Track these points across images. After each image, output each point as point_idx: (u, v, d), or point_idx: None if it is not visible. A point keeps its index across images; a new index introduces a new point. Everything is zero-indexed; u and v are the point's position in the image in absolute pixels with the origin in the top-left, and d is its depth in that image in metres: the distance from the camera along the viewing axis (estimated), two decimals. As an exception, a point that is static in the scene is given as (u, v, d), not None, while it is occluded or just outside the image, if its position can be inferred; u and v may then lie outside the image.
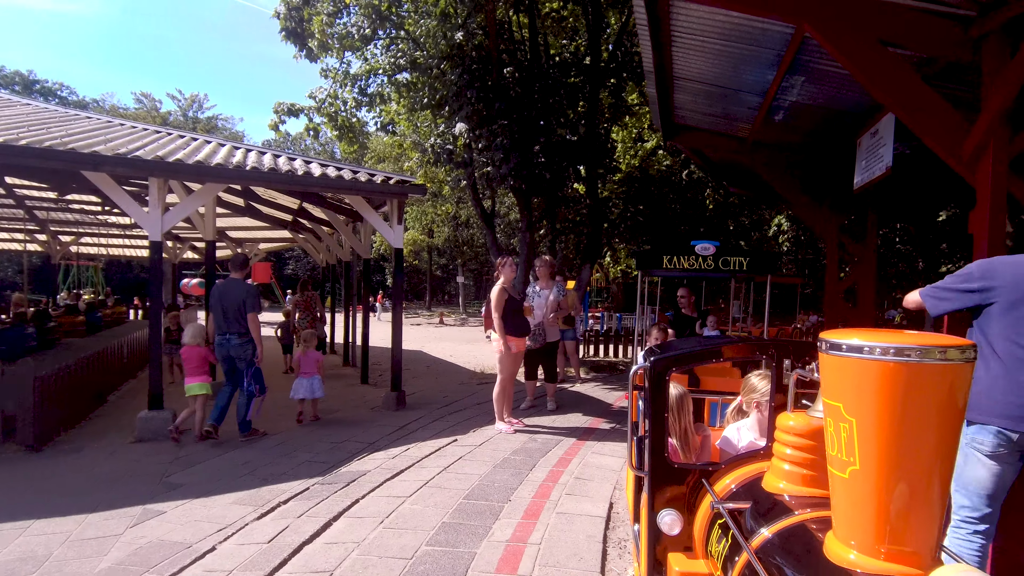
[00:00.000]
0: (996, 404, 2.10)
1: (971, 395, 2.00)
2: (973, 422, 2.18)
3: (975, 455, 2.20)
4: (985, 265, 2.20)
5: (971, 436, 2.19)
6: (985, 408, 2.12)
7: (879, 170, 4.28)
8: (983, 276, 2.15)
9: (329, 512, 3.97)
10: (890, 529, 1.32)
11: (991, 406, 2.11)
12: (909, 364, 1.26)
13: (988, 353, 2.15)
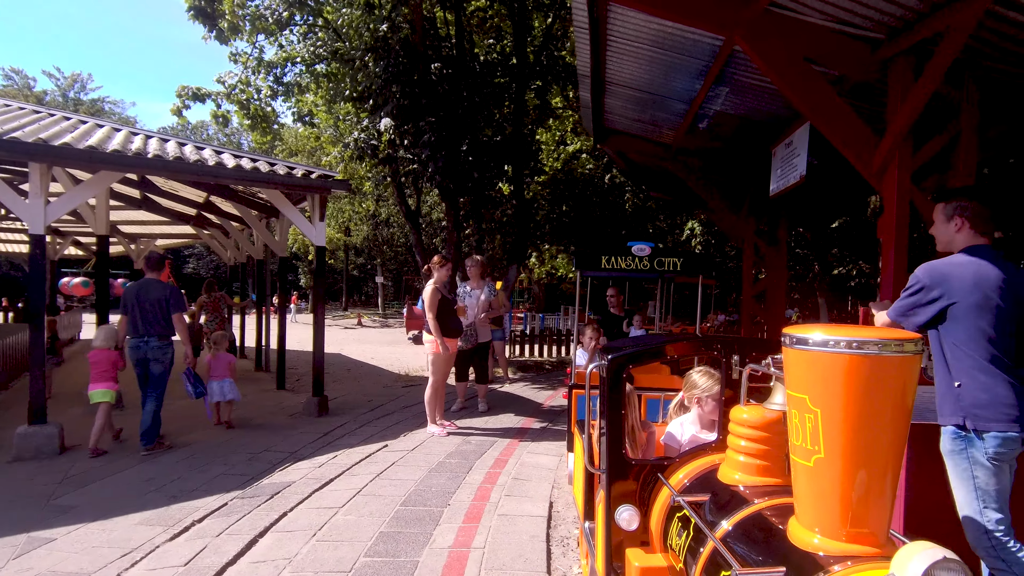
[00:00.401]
0: (1010, 409, 2.11)
1: (974, 403, 2.15)
2: (990, 430, 2.12)
3: (1002, 465, 2.15)
4: (935, 274, 2.24)
5: (993, 448, 2.11)
6: (999, 413, 2.11)
7: (793, 178, 4.63)
8: (936, 284, 2.22)
9: (253, 528, 3.69)
10: (852, 513, 1.39)
11: (1006, 412, 2.10)
12: (871, 356, 1.33)
13: (967, 361, 2.17)
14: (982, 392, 2.13)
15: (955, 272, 2.23)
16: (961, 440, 2.19)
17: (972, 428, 2.15)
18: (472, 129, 10.34)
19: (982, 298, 2.17)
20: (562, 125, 16.99)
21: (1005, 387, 2.13)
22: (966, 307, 2.17)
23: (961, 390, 2.18)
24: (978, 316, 2.16)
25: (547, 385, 9.34)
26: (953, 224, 2.35)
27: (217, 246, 14.09)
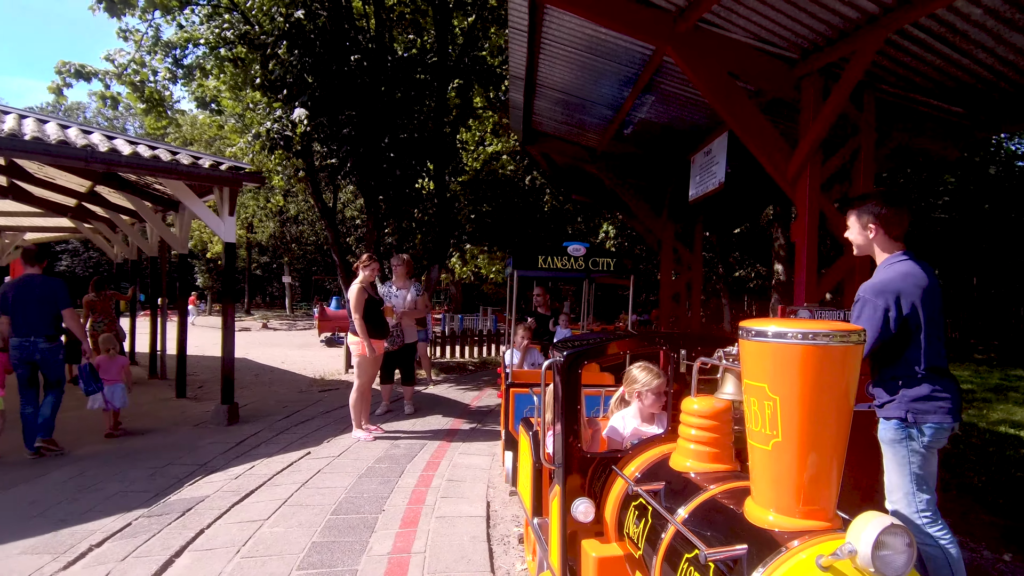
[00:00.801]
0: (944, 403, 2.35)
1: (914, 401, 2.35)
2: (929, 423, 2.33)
3: (933, 452, 2.38)
4: (886, 287, 2.39)
5: (928, 439, 2.34)
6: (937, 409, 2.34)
7: (712, 185, 4.96)
8: (892, 298, 2.36)
9: (166, 548, 3.37)
10: (805, 492, 1.50)
11: (943, 406, 2.34)
12: (824, 346, 1.44)
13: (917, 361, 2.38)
14: (921, 389, 2.36)
15: (905, 282, 2.38)
16: (903, 431, 2.39)
17: (912, 421, 2.36)
18: (393, 125, 10.10)
19: (921, 303, 2.37)
20: (482, 126, 17.05)
21: (940, 383, 2.37)
22: (919, 314, 2.36)
23: (903, 388, 2.39)
24: (920, 320, 2.37)
25: (472, 386, 9.32)
26: (868, 230, 2.51)
27: (101, 241, 12.72)
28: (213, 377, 10.35)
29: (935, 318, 2.42)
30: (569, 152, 6.83)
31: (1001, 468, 5.20)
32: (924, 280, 2.41)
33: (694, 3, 3.36)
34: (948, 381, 2.40)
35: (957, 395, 2.42)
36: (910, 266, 2.44)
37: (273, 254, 40.56)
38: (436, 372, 10.41)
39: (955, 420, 2.38)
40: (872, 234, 2.51)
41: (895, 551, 1.27)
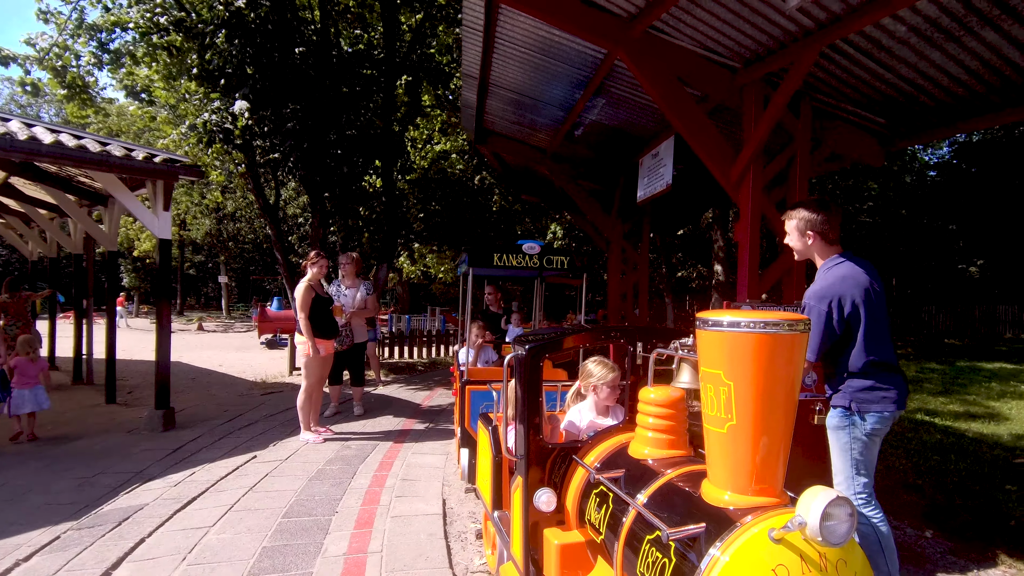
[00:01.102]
0: (889, 395, 2.52)
1: (859, 391, 2.51)
2: (871, 411, 2.51)
3: (875, 439, 2.55)
4: (828, 292, 2.54)
5: (870, 425, 2.51)
6: (882, 400, 2.51)
7: (660, 186, 5.14)
8: (835, 301, 2.52)
9: (102, 561, 3.18)
10: (758, 471, 1.61)
11: (886, 398, 2.51)
12: (775, 335, 1.55)
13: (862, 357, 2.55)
14: (865, 381, 2.53)
15: (845, 285, 2.54)
16: (846, 419, 2.57)
17: (856, 410, 2.54)
18: (339, 120, 9.87)
19: (862, 302, 2.53)
20: (430, 124, 16.90)
21: (883, 376, 2.54)
22: (861, 313, 2.53)
23: (848, 380, 2.57)
24: (861, 318, 2.53)
25: (423, 386, 9.23)
26: (807, 237, 2.67)
27: (13, 237, 11.76)
28: (145, 382, 9.79)
29: (878, 315, 2.57)
30: (520, 152, 6.90)
31: (919, 452, 5.65)
32: (864, 279, 2.57)
33: (645, 10, 3.49)
34: (892, 374, 2.57)
35: (902, 387, 2.59)
36: (848, 268, 2.60)
37: (208, 253, 38.70)
38: (385, 373, 10.26)
39: (898, 409, 2.56)
40: (810, 240, 2.67)
41: (839, 521, 1.38)
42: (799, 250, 2.76)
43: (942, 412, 7.98)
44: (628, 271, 7.35)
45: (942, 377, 11.57)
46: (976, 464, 5.24)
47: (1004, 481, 4.78)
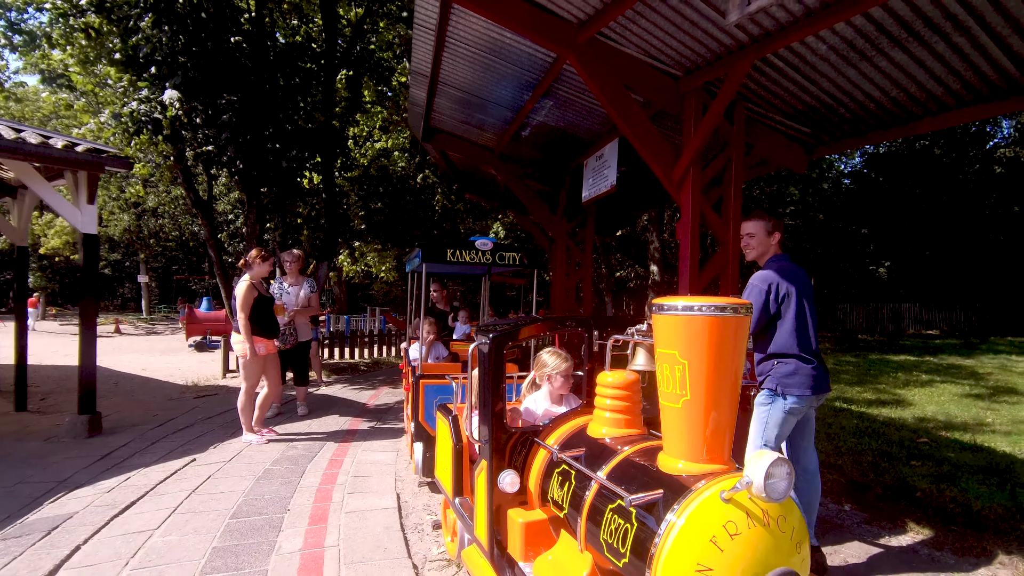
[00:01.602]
0: (807, 380, 2.91)
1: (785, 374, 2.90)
2: (791, 393, 2.90)
3: (791, 417, 2.94)
4: (771, 277, 2.98)
5: (790, 404, 2.90)
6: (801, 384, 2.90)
7: (605, 187, 5.36)
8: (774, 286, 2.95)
9: (34, 570, 2.99)
10: (709, 441, 1.77)
11: (805, 382, 2.90)
12: (724, 317, 1.72)
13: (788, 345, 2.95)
14: (789, 367, 2.95)
15: (783, 276, 3.00)
16: (771, 398, 2.98)
17: (780, 392, 2.95)
18: (277, 114, 9.56)
19: (793, 293, 2.96)
20: (371, 121, 16.62)
21: (804, 363, 2.94)
22: (792, 302, 2.95)
23: (776, 366, 2.98)
24: (791, 307, 2.96)
25: (367, 385, 9.10)
26: (773, 237, 3.16)
27: None
28: (59, 388, 9.12)
29: (804, 308, 3.00)
30: (467, 151, 6.96)
31: (839, 436, 6.17)
32: (798, 276, 3.05)
33: (594, 17, 3.66)
34: (813, 362, 2.98)
35: (821, 374, 3.00)
36: (788, 264, 3.10)
37: (126, 251, 36.21)
38: (327, 373, 10.03)
39: (815, 392, 2.96)
40: (774, 241, 3.18)
41: (779, 479, 1.56)
42: (759, 249, 3.20)
43: (857, 400, 8.72)
44: (572, 270, 7.57)
45: (856, 369, 12.60)
46: (886, 444, 5.79)
47: (910, 458, 5.32)
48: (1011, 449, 5.72)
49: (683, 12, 3.41)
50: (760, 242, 3.19)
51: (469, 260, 4.23)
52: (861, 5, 2.81)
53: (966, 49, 3.18)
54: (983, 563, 3.34)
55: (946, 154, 26.70)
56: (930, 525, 3.84)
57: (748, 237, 3.24)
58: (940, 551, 3.47)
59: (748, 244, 3.23)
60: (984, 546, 3.49)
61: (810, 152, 4.77)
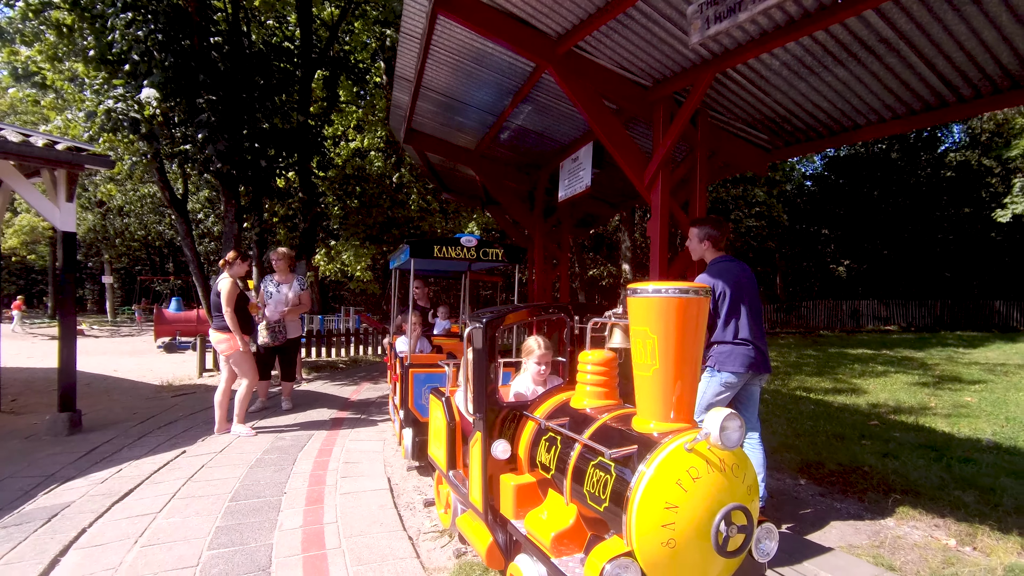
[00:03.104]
0: (739, 360, 3.40)
1: (721, 355, 3.38)
2: (724, 370, 3.41)
3: (723, 389, 3.44)
4: (709, 283, 3.44)
5: (724, 379, 3.42)
6: (733, 362, 3.40)
7: (580, 188, 5.68)
8: (713, 288, 3.41)
9: (42, 552, 3.14)
10: (675, 404, 2.08)
11: (736, 361, 3.40)
12: (687, 298, 2.03)
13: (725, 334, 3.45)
14: (725, 348, 3.45)
15: (721, 276, 3.46)
16: (712, 372, 3.48)
17: (717, 368, 3.45)
18: (255, 113, 9.63)
19: (729, 290, 3.42)
20: (345, 120, 16.67)
21: (739, 347, 3.43)
22: (728, 298, 3.41)
23: (716, 347, 3.48)
24: (729, 302, 3.42)
25: (348, 381, 9.25)
26: (703, 244, 3.62)
27: None
28: (27, 389, 9.03)
29: (741, 301, 3.47)
30: (447, 152, 7.21)
31: (797, 420, 6.62)
32: (735, 274, 3.51)
33: (571, 31, 3.96)
34: (746, 346, 3.45)
35: (753, 356, 3.45)
36: (725, 265, 3.56)
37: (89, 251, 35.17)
38: (307, 371, 10.13)
39: (748, 370, 3.43)
40: (705, 247, 3.65)
41: (732, 430, 1.88)
42: (696, 253, 3.71)
43: (816, 389, 9.27)
44: (549, 267, 7.88)
45: (817, 361, 13.27)
46: (839, 427, 6.26)
47: (860, 438, 5.78)
48: (949, 429, 6.26)
49: (652, 30, 3.74)
50: (695, 248, 3.69)
51: (455, 256, 4.49)
52: (806, 29, 3.18)
53: (898, 68, 3.59)
54: (921, 525, 3.76)
55: (901, 158, 28.04)
56: (875, 493, 4.26)
57: (688, 244, 3.77)
58: (883, 516, 3.88)
59: (689, 249, 3.77)
60: (921, 510, 3.91)
61: (769, 156, 5.18)
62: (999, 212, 18.31)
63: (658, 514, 1.85)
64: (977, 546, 3.50)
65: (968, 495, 4.14)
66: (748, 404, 3.60)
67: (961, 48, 3.25)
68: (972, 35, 3.12)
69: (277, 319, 6.59)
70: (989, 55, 3.27)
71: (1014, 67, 3.34)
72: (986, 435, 5.97)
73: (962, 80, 3.57)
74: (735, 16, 2.81)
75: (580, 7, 3.68)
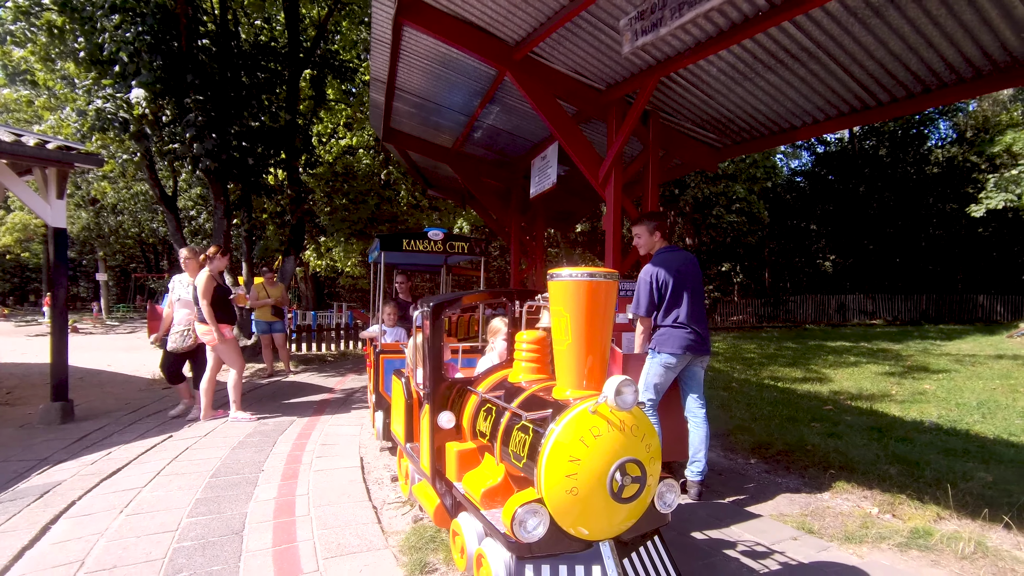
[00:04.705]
0: (677, 342, 3.70)
1: (662, 338, 3.75)
2: (663, 352, 3.72)
3: (665, 370, 3.74)
4: (652, 271, 3.75)
5: (663, 359, 3.72)
6: (672, 344, 3.71)
7: (548, 184, 5.97)
8: (655, 277, 3.73)
9: (33, 523, 3.42)
10: (586, 374, 2.38)
11: (674, 343, 3.70)
12: (593, 281, 2.33)
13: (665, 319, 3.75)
14: (664, 332, 3.77)
15: (663, 266, 3.78)
16: (653, 354, 3.80)
17: (657, 350, 3.77)
18: (243, 112, 9.87)
19: (671, 279, 3.72)
20: (334, 118, 16.90)
21: (676, 330, 3.74)
22: (669, 286, 3.72)
23: (656, 331, 3.81)
24: (671, 289, 3.72)
25: (334, 373, 9.55)
26: (655, 236, 3.93)
27: None
28: (22, 383, 9.29)
29: (684, 288, 3.77)
30: (426, 150, 7.49)
31: (757, 406, 6.95)
32: (675, 264, 3.81)
33: (526, 39, 4.25)
34: (684, 329, 3.76)
35: (693, 339, 3.76)
36: (670, 255, 3.87)
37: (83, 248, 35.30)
38: (295, 364, 10.41)
39: (686, 352, 3.74)
40: (656, 238, 3.97)
41: (626, 393, 2.18)
42: (646, 244, 4.02)
43: (785, 378, 9.60)
44: (531, 261, 8.19)
45: (794, 353, 13.61)
46: (795, 412, 6.59)
47: (811, 421, 6.11)
48: (900, 413, 6.60)
49: (599, 38, 4.03)
50: (645, 241, 3.98)
51: (423, 248, 4.78)
52: (734, 38, 3.47)
53: (821, 75, 3.89)
54: (851, 497, 4.08)
55: (889, 154, 28.42)
56: (815, 470, 4.58)
57: (637, 237, 4.04)
58: (819, 490, 4.19)
59: (637, 243, 4.06)
60: (854, 484, 4.23)
61: (719, 155, 5.48)
62: (973, 207, 18.68)
63: (563, 466, 2.16)
64: (897, 513, 3.82)
65: (897, 470, 4.47)
66: (692, 384, 3.91)
67: (871, 57, 3.55)
68: (880, 45, 3.42)
69: (187, 323, 6.14)
70: (899, 62, 3.57)
71: (923, 73, 3.64)
72: (932, 418, 6.30)
73: (878, 86, 3.88)
74: (657, 30, 3.11)
75: (532, 16, 3.97)
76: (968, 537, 3.22)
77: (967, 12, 3.09)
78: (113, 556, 2.94)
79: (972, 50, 3.39)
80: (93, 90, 9.21)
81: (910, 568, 3.00)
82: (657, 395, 3.80)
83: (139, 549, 3.01)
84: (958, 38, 3.30)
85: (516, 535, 2.13)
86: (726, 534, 3.38)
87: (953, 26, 3.21)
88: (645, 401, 3.80)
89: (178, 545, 3.06)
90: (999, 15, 3.07)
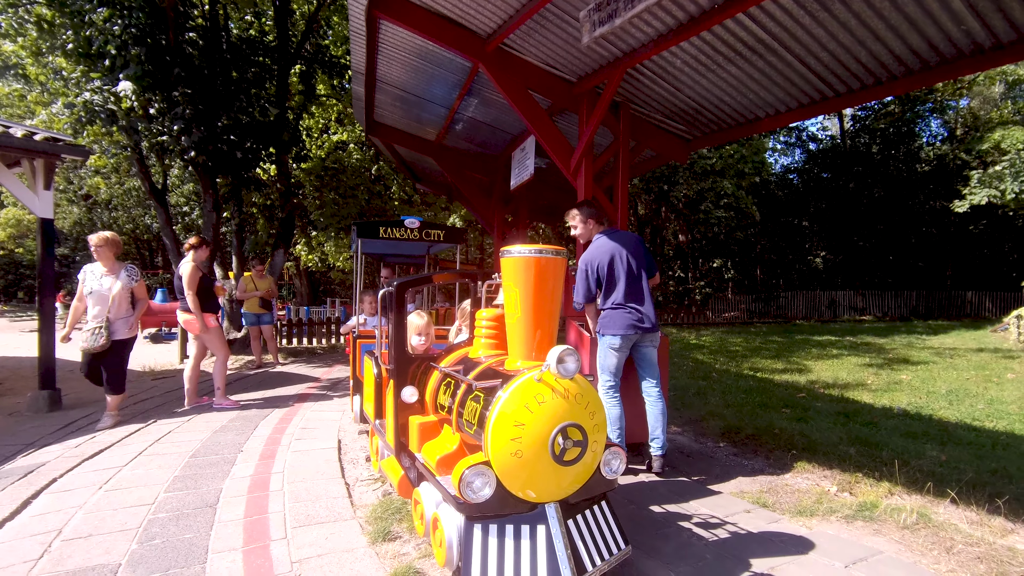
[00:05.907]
0: (618, 323, 3.84)
1: (604, 320, 3.92)
2: (607, 334, 3.87)
3: (611, 351, 3.87)
4: (587, 259, 3.92)
5: (608, 341, 3.87)
6: (613, 326, 3.85)
7: (526, 176, 6.09)
8: (590, 265, 3.89)
9: (16, 498, 3.53)
10: (535, 346, 2.51)
11: (616, 324, 3.84)
12: (539, 257, 2.46)
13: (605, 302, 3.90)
14: (605, 316, 3.93)
15: (598, 252, 3.92)
16: (601, 337, 3.96)
17: (602, 333, 3.94)
18: (232, 106, 9.96)
19: (605, 263, 3.87)
20: (326, 113, 16.97)
21: (616, 313, 3.89)
22: (604, 270, 3.86)
23: (600, 315, 3.96)
24: (606, 273, 3.87)
25: (321, 364, 9.66)
26: (588, 223, 4.09)
27: None
28: (12, 375, 9.39)
29: (620, 269, 3.90)
30: (410, 143, 7.60)
31: (732, 394, 7.10)
32: (611, 249, 3.94)
33: (496, 31, 4.37)
34: (623, 309, 3.90)
35: (631, 319, 3.89)
36: (603, 241, 4.02)
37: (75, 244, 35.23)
38: (284, 356, 10.52)
39: (630, 331, 3.87)
40: (591, 224, 4.13)
41: (569, 363, 2.31)
42: (583, 233, 4.15)
43: (765, 369, 9.76)
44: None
45: (779, 347, 13.77)
46: (768, 399, 6.74)
47: (782, 408, 6.26)
48: (870, 400, 6.76)
49: (566, 30, 4.16)
50: (582, 230, 4.13)
51: (400, 236, 4.90)
52: (692, 30, 3.60)
53: (779, 66, 4.02)
54: (812, 476, 4.22)
55: (880, 151, 28.62)
56: (780, 452, 4.73)
57: (573, 229, 4.19)
58: (782, 471, 4.34)
59: (574, 233, 4.20)
60: (816, 464, 4.37)
61: (689, 146, 5.62)
62: (957, 203, 18.87)
63: (509, 431, 2.29)
64: (853, 491, 3.96)
65: (856, 451, 4.62)
66: (644, 366, 4.04)
67: (825, 48, 3.68)
68: (831, 37, 3.56)
69: (101, 320, 5.45)
70: (850, 54, 3.71)
71: (872, 65, 3.78)
72: (901, 405, 6.46)
73: (833, 76, 4.01)
74: (613, 21, 3.24)
75: (501, 8, 4.09)
76: (911, 509, 3.37)
77: (909, 4, 3.23)
78: (89, 526, 3.06)
79: (918, 42, 3.53)
80: (82, 83, 9.28)
81: (853, 536, 3.15)
82: (613, 377, 3.92)
83: (115, 520, 3.14)
84: (903, 31, 3.44)
85: (464, 495, 2.26)
86: (683, 508, 3.52)
87: (898, 19, 3.35)
88: (604, 384, 3.95)
89: (153, 516, 3.18)
90: (939, 7, 3.21)
